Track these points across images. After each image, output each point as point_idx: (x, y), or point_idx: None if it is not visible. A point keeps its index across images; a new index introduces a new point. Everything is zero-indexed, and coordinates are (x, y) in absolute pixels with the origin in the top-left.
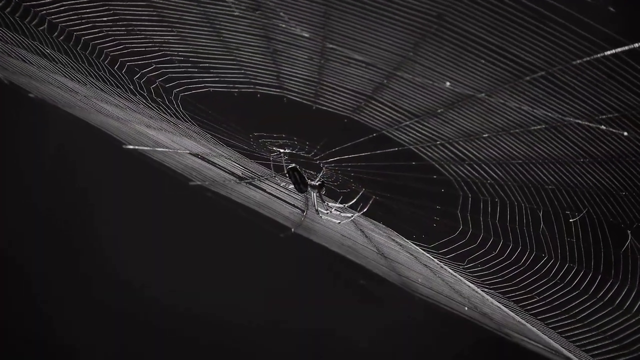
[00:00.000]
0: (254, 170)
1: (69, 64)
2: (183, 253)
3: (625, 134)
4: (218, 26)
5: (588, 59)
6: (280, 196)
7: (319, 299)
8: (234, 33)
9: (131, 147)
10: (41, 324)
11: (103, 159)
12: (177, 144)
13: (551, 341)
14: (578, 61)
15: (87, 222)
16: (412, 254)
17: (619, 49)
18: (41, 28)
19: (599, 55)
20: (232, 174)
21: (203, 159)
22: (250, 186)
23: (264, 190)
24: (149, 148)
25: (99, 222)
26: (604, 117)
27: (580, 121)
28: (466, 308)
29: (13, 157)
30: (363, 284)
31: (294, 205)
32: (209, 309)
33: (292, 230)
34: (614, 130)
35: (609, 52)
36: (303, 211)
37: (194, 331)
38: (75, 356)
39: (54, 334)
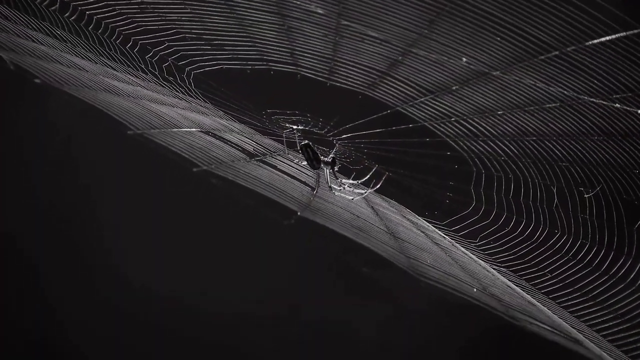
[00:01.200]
0: (266, 146)
1: (80, 44)
2: (185, 249)
3: None
4: (232, 3)
5: (602, 40)
6: (291, 173)
7: (322, 291)
8: (248, 10)
9: (135, 131)
10: (41, 319)
11: (105, 154)
12: (188, 121)
13: (561, 321)
14: (592, 42)
15: (88, 217)
16: (423, 232)
17: (635, 31)
18: (53, 8)
19: (613, 37)
20: (243, 150)
21: (214, 135)
22: (261, 164)
23: (275, 168)
24: (155, 130)
25: (101, 217)
26: (619, 96)
27: (594, 100)
28: (475, 290)
29: (15, 150)
30: (366, 272)
31: (305, 183)
32: (210, 306)
33: (298, 213)
34: (628, 109)
35: (622, 34)
36: (314, 189)
37: (195, 328)
38: (76, 352)
39: (56, 331)
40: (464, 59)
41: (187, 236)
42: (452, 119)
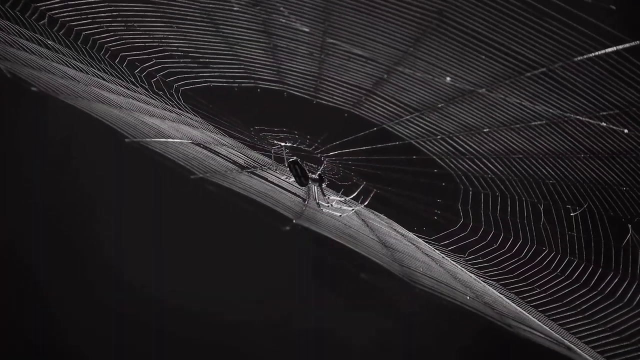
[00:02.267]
0: (256, 159)
1: (71, 55)
2: (184, 250)
3: (626, 131)
4: (217, 21)
5: (589, 55)
6: (282, 185)
7: (319, 296)
8: (234, 28)
9: (133, 139)
10: (41, 321)
11: (104, 155)
12: (180, 133)
13: (552, 332)
14: (578, 58)
15: (88, 218)
16: (413, 244)
17: (620, 47)
18: (41, 22)
19: (599, 53)
20: (235, 162)
21: (205, 147)
22: (253, 175)
23: (266, 179)
24: (150, 139)
25: (100, 218)
26: (605, 113)
27: (581, 117)
28: (468, 297)
29: (14, 152)
30: (364, 278)
31: (295, 194)
32: (209, 308)
33: (294, 220)
34: (614, 128)
35: (609, 50)
36: (304, 200)
37: (194, 329)
38: (76, 353)
39: (55, 331)
40: (448, 78)
41: (186, 236)
42: (438, 137)
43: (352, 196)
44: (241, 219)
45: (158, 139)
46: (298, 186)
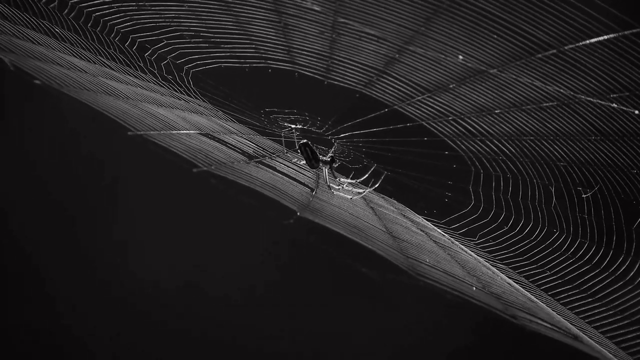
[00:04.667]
0: (265, 147)
1: (78, 43)
2: (188, 248)
3: (637, 112)
4: (229, 0)
5: (599, 39)
6: (290, 174)
7: (319, 290)
8: (246, 7)
9: (136, 132)
10: (46, 315)
11: (110, 150)
12: (187, 123)
13: (560, 318)
14: (589, 41)
15: (95, 214)
16: (422, 230)
17: (630, 31)
18: (51, 6)
19: (611, 36)
20: (243, 152)
21: (213, 138)
22: (260, 165)
23: (274, 169)
24: (154, 132)
25: (107, 214)
26: (616, 95)
27: (592, 99)
28: (474, 288)
29: (20, 147)
30: (365, 272)
31: (304, 184)
32: (211, 306)
33: (298, 213)
34: (625, 109)
35: (620, 33)
36: (313, 190)
37: (197, 328)
38: (80, 346)
39: (59, 327)
40: (461, 57)
41: (189, 231)
42: (450, 118)
43: (362, 178)
44: (243, 213)
45: (163, 132)
46: (308, 171)
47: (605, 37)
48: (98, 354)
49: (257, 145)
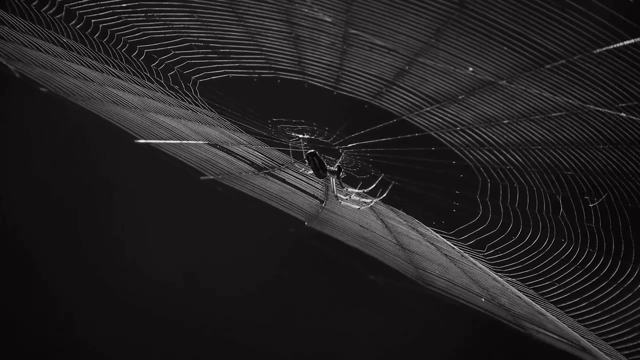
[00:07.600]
0: (273, 159)
1: (86, 53)
2: (192, 250)
3: None
4: (240, 11)
5: (608, 47)
6: (299, 186)
7: (321, 292)
8: (256, 18)
9: (143, 141)
10: (49, 315)
11: (114, 151)
12: (194, 133)
13: (569, 330)
14: (598, 50)
15: (97, 214)
16: (431, 243)
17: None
18: (58, 16)
19: (619, 45)
20: (251, 163)
21: (221, 148)
22: (269, 177)
23: (283, 181)
24: (161, 141)
25: (109, 215)
26: (624, 104)
27: (600, 109)
28: (483, 299)
29: (23, 147)
30: (373, 279)
31: (313, 196)
32: (211, 305)
33: (306, 223)
34: (634, 118)
35: (628, 42)
36: (322, 201)
37: (197, 325)
38: (84, 346)
39: (63, 326)
40: (471, 69)
41: (194, 235)
42: (458, 128)
43: (370, 188)
44: (248, 220)
45: (170, 141)
46: (317, 182)
47: (614, 45)
48: (98, 352)
49: (266, 156)
